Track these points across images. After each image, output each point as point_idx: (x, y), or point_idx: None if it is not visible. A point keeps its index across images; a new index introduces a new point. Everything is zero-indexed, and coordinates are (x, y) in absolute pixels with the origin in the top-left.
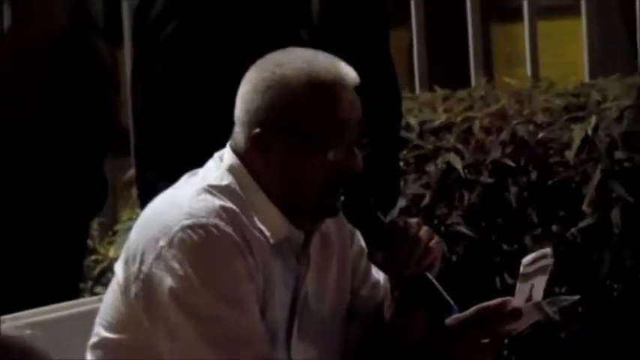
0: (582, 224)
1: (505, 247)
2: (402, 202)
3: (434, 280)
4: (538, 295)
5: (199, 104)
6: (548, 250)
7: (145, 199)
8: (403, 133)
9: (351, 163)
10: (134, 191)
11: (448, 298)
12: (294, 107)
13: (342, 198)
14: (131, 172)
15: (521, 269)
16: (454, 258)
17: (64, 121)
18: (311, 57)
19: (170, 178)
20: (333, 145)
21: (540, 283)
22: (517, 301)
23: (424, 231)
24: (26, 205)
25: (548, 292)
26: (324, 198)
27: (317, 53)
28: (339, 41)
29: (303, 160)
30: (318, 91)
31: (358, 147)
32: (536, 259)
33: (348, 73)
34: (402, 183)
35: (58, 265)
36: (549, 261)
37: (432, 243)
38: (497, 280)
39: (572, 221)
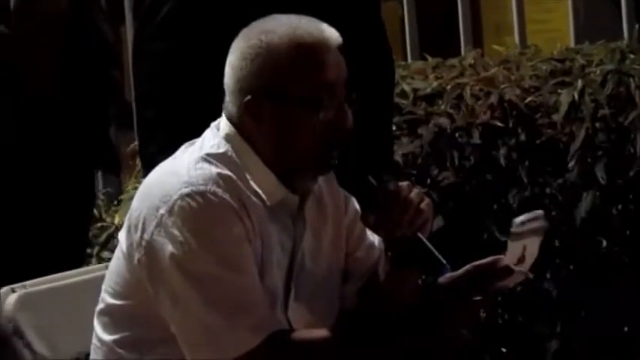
0: (566, 177)
1: (494, 205)
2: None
3: (426, 241)
4: (531, 255)
5: (198, 79)
6: (540, 212)
7: (147, 172)
8: (397, 100)
9: (342, 120)
10: (137, 162)
11: (440, 257)
12: (282, 73)
13: (336, 157)
14: (134, 144)
15: (513, 228)
16: (446, 212)
17: (70, 94)
18: (295, 22)
19: (171, 151)
20: (323, 105)
21: (534, 244)
22: (508, 259)
23: (415, 193)
24: (36, 177)
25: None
26: (317, 157)
27: (300, 18)
28: (333, 12)
29: (294, 123)
30: (304, 55)
31: (348, 104)
32: (528, 219)
33: (331, 34)
34: (395, 146)
35: (67, 233)
36: (543, 223)
37: (423, 205)
38: (486, 235)
39: (558, 177)
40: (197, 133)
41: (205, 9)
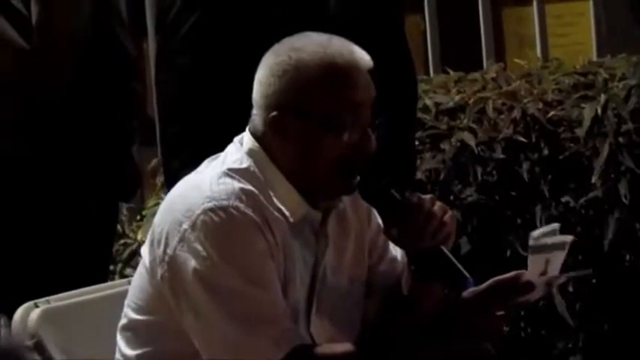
0: (592, 195)
1: (518, 220)
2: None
3: (449, 254)
4: (554, 269)
5: (222, 93)
6: (556, 225)
7: (171, 187)
8: (419, 115)
9: (365, 143)
10: (159, 179)
11: (464, 270)
12: (310, 90)
13: (358, 177)
14: (156, 160)
15: (531, 242)
16: (469, 229)
17: (92, 110)
18: (325, 41)
19: (195, 167)
20: (348, 126)
21: (558, 258)
22: (530, 273)
23: (437, 206)
24: (60, 193)
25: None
26: (339, 178)
27: (331, 37)
28: (356, 27)
29: (318, 142)
30: (333, 74)
31: (372, 128)
32: (544, 233)
33: (362, 56)
34: (418, 160)
35: (90, 249)
36: (567, 238)
37: (446, 217)
38: (509, 251)
39: (582, 193)
40: (221, 148)
41: (229, 23)
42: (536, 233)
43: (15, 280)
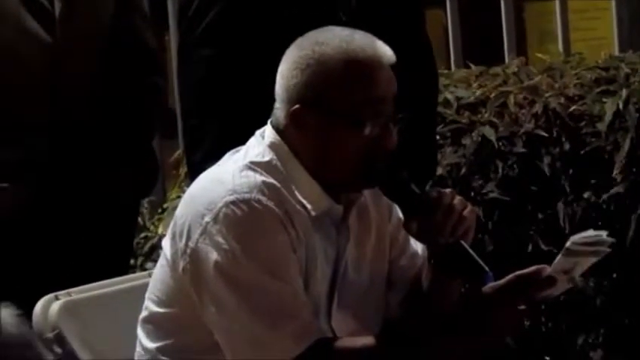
0: (614, 191)
1: (539, 214)
2: (438, 171)
3: (469, 248)
4: (580, 271)
5: (245, 85)
6: (605, 238)
7: (194, 180)
8: (440, 109)
9: (386, 138)
10: (181, 171)
11: (483, 265)
12: (332, 84)
13: (378, 171)
14: (178, 152)
15: (569, 244)
16: (490, 225)
17: (115, 103)
18: (349, 36)
19: (217, 159)
20: (369, 121)
21: (588, 262)
22: (553, 269)
23: (457, 200)
24: (80, 186)
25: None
26: (360, 172)
27: (354, 32)
28: (378, 21)
29: (339, 136)
30: (356, 69)
31: (393, 123)
32: (588, 241)
33: (385, 51)
34: (439, 155)
35: (111, 242)
36: (606, 249)
37: (466, 212)
38: (530, 245)
39: (604, 189)
40: (243, 140)
41: (251, 15)
42: (578, 238)
43: (36, 272)
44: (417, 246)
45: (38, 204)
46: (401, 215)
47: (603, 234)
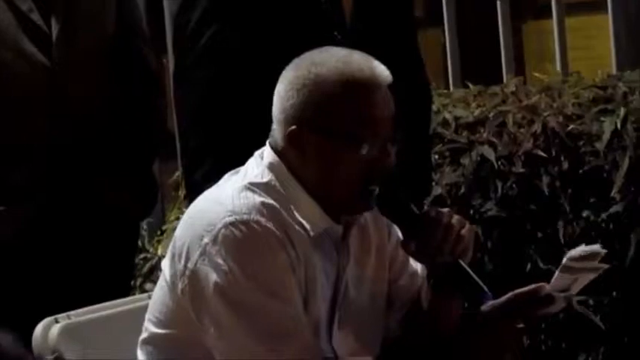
0: (613, 210)
1: (538, 234)
2: (437, 191)
3: (467, 268)
4: (577, 288)
5: (242, 106)
6: (598, 249)
7: (193, 201)
8: (439, 129)
9: (384, 159)
10: (181, 192)
11: (482, 284)
12: (329, 105)
13: (376, 192)
14: (177, 174)
15: (565, 260)
16: (489, 244)
17: (114, 126)
18: (346, 56)
19: (216, 179)
20: (367, 142)
21: (585, 279)
22: (552, 286)
23: (456, 219)
24: (80, 209)
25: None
26: (358, 193)
27: (352, 52)
28: (371, 40)
29: (337, 157)
30: (353, 89)
31: (391, 143)
32: (584, 256)
33: (382, 72)
34: (438, 175)
35: (111, 265)
36: (603, 265)
37: (464, 231)
38: (529, 265)
39: (603, 208)
40: (242, 160)
41: (246, 36)
42: (575, 253)
43: (36, 295)
44: (417, 265)
45: (37, 227)
46: (400, 235)
47: (596, 247)
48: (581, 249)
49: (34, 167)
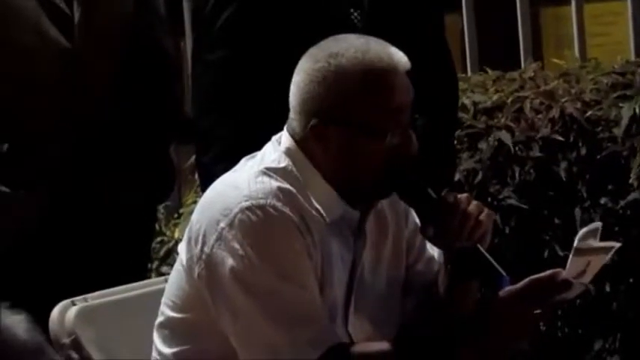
0: (631, 197)
1: (556, 220)
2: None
3: (485, 253)
4: (593, 271)
5: (257, 88)
6: (598, 224)
7: (202, 182)
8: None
9: (407, 146)
10: (197, 176)
11: (500, 269)
12: (350, 97)
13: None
14: (193, 158)
15: (576, 243)
16: (507, 230)
17: (131, 109)
18: (364, 45)
19: (226, 162)
20: (390, 130)
21: (600, 261)
22: (568, 272)
23: (474, 205)
24: (97, 191)
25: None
26: (382, 182)
27: (369, 41)
28: (391, 21)
29: (361, 148)
30: (373, 80)
31: (411, 127)
32: (589, 233)
33: (400, 59)
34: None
35: (128, 248)
36: (614, 244)
37: (482, 216)
38: (547, 251)
39: (620, 194)
40: (252, 143)
41: (263, 18)
42: (581, 234)
43: (53, 278)
44: (434, 251)
45: (54, 210)
46: (417, 220)
47: (597, 224)
48: (585, 229)
49: (51, 150)
